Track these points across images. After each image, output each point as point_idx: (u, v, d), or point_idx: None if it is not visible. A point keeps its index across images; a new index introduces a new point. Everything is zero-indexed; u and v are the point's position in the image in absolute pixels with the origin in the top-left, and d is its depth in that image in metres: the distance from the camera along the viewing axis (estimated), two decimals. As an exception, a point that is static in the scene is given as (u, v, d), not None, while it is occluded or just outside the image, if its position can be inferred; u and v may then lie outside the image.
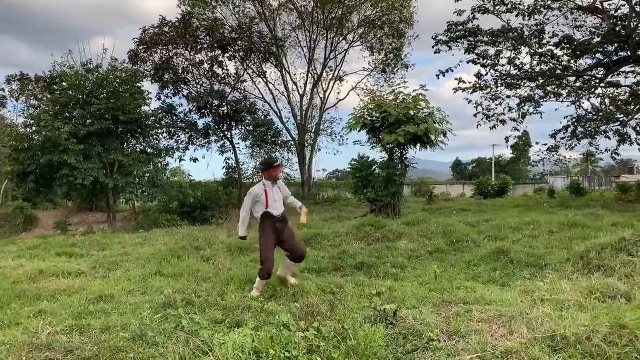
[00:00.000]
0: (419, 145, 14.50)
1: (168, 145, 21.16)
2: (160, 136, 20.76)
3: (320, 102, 28.17)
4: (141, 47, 21.27)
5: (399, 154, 14.82)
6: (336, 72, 28.18)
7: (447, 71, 19.06)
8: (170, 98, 22.33)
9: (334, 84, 28.28)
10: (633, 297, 4.81)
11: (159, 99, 22.17)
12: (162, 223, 15.66)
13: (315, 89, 27.74)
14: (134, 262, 8.32)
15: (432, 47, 19.24)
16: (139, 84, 18.59)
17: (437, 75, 19.15)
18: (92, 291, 6.09)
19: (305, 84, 27.53)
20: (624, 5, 18.00)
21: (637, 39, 17.81)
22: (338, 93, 29.86)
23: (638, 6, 17.54)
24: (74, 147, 15.76)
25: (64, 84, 17.47)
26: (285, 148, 25.81)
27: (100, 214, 21.18)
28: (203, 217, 17.50)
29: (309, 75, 27.46)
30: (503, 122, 19.69)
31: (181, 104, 22.97)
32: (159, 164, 19.76)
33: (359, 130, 15.05)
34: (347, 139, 28.12)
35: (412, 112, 13.97)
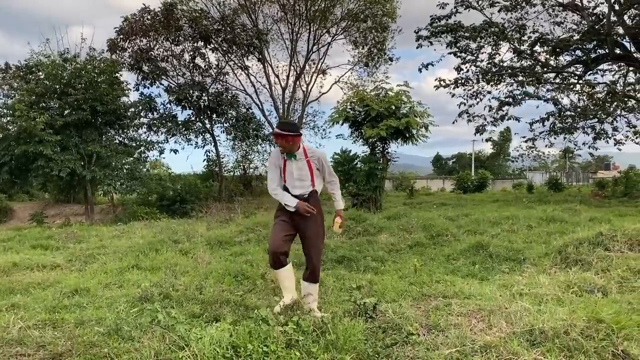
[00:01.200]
0: (400, 139, 14.54)
1: (147, 137, 20.87)
2: (140, 129, 20.46)
3: (303, 95, 28.03)
4: (121, 36, 20.90)
5: (381, 149, 14.86)
6: (319, 66, 28.05)
7: (429, 65, 19.12)
8: (148, 88, 21.99)
9: (317, 77, 28.15)
10: (609, 291, 4.87)
11: (138, 89, 21.85)
12: (140, 216, 15.46)
13: (298, 82, 27.58)
14: (111, 255, 8.18)
15: (416, 40, 19.28)
16: (118, 74, 18.28)
17: (420, 69, 19.22)
18: (67, 285, 5.96)
19: (288, 77, 27.35)
20: (602, 3, 18.25)
21: (615, 37, 18.07)
22: (321, 87, 29.82)
23: (617, 4, 17.78)
24: (50, 138, 15.45)
25: (40, 73, 17.10)
26: (268, 141, 25.65)
27: (78, 207, 20.83)
28: (182, 210, 17.33)
29: (292, 68, 27.30)
30: (484, 127, 19.78)
31: (159, 95, 22.56)
32: (139, 156, 19.49)
33: (342, 124, 15.04)
34: (329, 132, 28.09)
35: (394, 107, 14.00)
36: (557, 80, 19.89)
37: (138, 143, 19.50)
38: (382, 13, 26.10)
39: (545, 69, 19.37)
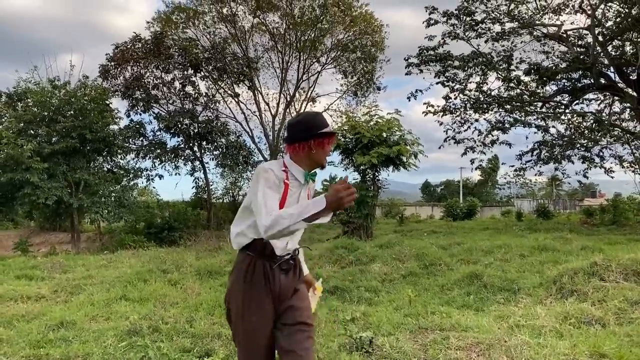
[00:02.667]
0: (391, 167, 14.58)
1: (136, 165, 20.76)
2: (128, 156, 20.34)
3: (293, 123, 28.13)
4: (112, 63, 20.95)
5: (371, 176, 14.86)
6: (309, 94, 28.30)
7: (416, 92, 19.34)
8: (140, 115, 21.95)
9: (306, 105, 28.35)
10: (607, 323, 4.81)
11: (128, 116, 21.81)
12: (128, 244, 15.22)
13: (287, 110, 27.73)
14: (98, 285, 7.99)
15: (405, 67, 19.52)
16: (109, 102, 18.24)
17: (408, 98, 19.40)
18: (52, 317, 5.78)
19: (278, 104, 27.52)
20: (587, 34, 18.65)
21: (600, 67, 18.43)
22: (311, 114, 29.78)
23: (600, 36, 18.19)
24: (37, 166, 15.27)
25: (29, 100, 17.00)
26: (258, 168, 25.64)
27: (64, 235, 20.50)
28: (171, 239, 17.11)
29: (282, 96, 27.49)
30: (472, 149, 19.89)
31: (150, 122, 22.49)
32: (127, 184, 19.33)
33: (332, 152, 15.02)
34: (319, 160, 28.05)
35: (385, 135, 14.06)
36: (545, 110, 20.16)
37: (126, 170, 19.35)
38: (370, 44, 26.53)
39: (532, 98, 19.64)
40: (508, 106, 19.25)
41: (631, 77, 18.68)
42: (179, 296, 6.89)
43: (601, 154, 20.47)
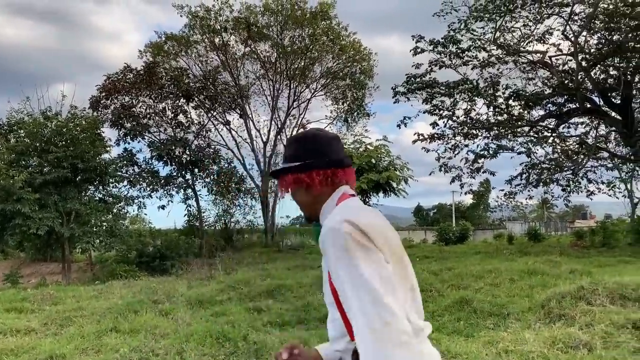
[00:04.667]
0: (381, 192, 14.71)
1: (128, 194, 20.77)
2: (120, 185, 20.36)
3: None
4: (103, 93, 21.13)
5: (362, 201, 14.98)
6: (299, 121, 28.59)
7: (405, 119, 19.57)
8: (129, 143, 22.06)
9: (297, 131, 28.62)
10: (594, 347, 4.87)
11: (118, 144, 21.89)
12: (119, 274, 15.12)
13: (279, 137, 27.98)
14: (89, 317, 7.95)
15: (392, 97, 19.79)
16: (100, 131, 18.33)
17: (398, 125, 19.59)
18: (42, 351, 5.76)
19: (269, 131, 27.78)
20: (571, 60, 19.09)
21: (584, 91, 18.82)
22: (302, 141, 29.96)
23: (584, 61, 18.62)
24: (28, 197, 15.25)
25: (21, 132, 17.05)
26: (249, 195, 25.68)
27: (55, 265, 20.31)
28: (163, 268, 17.01)
29: (273, 123, 27.76)
30: (459, 177, 19.98)
31: (140, 150, 22.56)
32: (119, 213, 19.29)
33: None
34: (310, 185, 28.18)
35: (374, 161, 14.24)
36: (532, 134, 20.45)
37: (118, 199, 19.33)
38: (360, 71, 26.98)
39: (519, 123, 19.95)
40: (496, 131, 19.52)
41: (615, 101, 19.09)
42: (170, 327, 6.88)
43: (588, 175, 20.77)
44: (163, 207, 22.42)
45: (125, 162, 20.91)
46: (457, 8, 18.28)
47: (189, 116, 23.20)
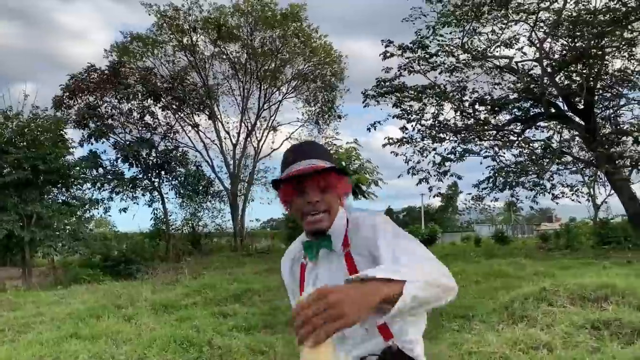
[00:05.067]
0: (351, 195, 14.72)
1: (93, 196, 20.29)
2: (84, 187, 19.89)
3: (254, 151, 28.21)
4: (67, 93, 20.63)
5: (331, 205, 14.95)
6: (270, 123, 28.46)
7: (375, 123, 19.70)
8: (92, 145, 21.55)
9: (267, 133, 28.47)
10: (554, 347, 4.95)
11: (82, 146, 21.38)
12: (83, 278, 14.74)
13: (248, 139, 27.80)
14: (48, 323, 7.70)
15: (362, 101, 19.90)
16: (63, 132, 17.87)
17: (368, 129, 19.76)
18: (-4, 359, 5.55)
19: (239, 133, 27.58)
20: (536, 66, 19.53)
21: (549, 97, 19.26)
22: (273, 142, 30.11)
23: (549, 67, 19.07)
24: (-14, 199, 14.77)
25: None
26: (218, 198, 25.41)
27: (15, 270, 19.66)
28: (128, 272, 16.65)
29: (242, 124, 27.56)
30: (426, 180, 20.14)
31: (105, 151, 22.06)
32: (82, 216, 18.82)
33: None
34: (281, 188, 28.03)
35: (344, 163, 14.24)
36: (498, 138, 20.83)
37: (82, 202, 18.87)
38: (330, 74, 27.04)
39: (485, 127, 20.29)
40: (463, 135, 19.81)
41: (578, 106, 19.59)
42: (133, 332, 6.71)
43: (552, 179, 21.25)
44: (125, 209, 21.97)
45: (89, 163, 20.42)
46: (425, 13, 18.52)
47: (156, 117, 22.84)
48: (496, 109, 20.17)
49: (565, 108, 19.98)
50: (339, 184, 1.61)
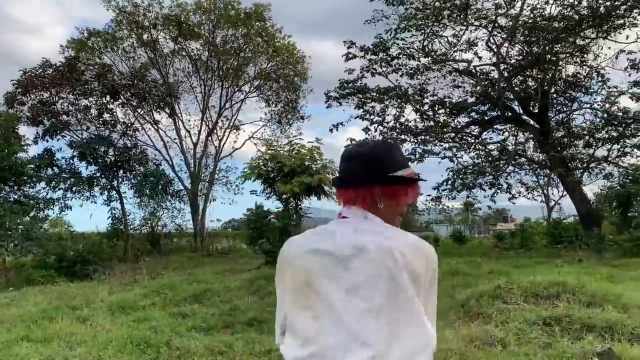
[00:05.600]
0: (314, 195, 14.74)
1: (47, 195, 19.66)
2: (39, 185, 19.25)
3: (215, 151, 27.89)
4: (19, 89, 19.90)
5: (294, 204, 14.94)
6: (232, 122, 28.20)
7: (338, 124, 19.82)
8: (47, 142, 20.85)
9: (229, 133, 28.21)
10: (508, 343, 5.11)
11: (36, 143, 20.65)
12: (36, 280, 14.26)
13: (210, 138, 27.47)
14: (-2, 326, 7.43)
15: (325, 102, 20.00)
16: (15, 129, 17.27)
17: (330, 130, 19.85)
18: (-59, 364, 5.33)
19: (200, 132, 27.21)
20: (493, 70, 20.04)
21: (505, 100, 19.81)
22: (235, 142, 29.75)
23: (505, 72, 19.61)
24: None
25: None
26: (178, 198, 25.00)
27: (-37, 271, 18.89)
28: (84, 273, 16.18)
29: (204, 123, 27.22)
30: None
31: (61, 149, 21.34)
32: (36, 215, 18.23)
33: (254, 180, 15.02)
34: (242, 188, 27.85)
35: (307, 163, 14.25)
36: (457, 140, 21.28)
37: (36, 201, 18.28)
38: (293, 74, 27.00)
39: (444, 129, 20.70)
40: (423, 137, 20.15)
41: (533, 110, 20.22)
42: (88, 334, 6.55)
43: (508, 180, 21.87)
44: (80, 205, 21.32)
45: (44, 161, 19.78)
46: (387, 15, 18.76)
47: (114, 114, 22.29)
48: (455, 111, 20.61)
49: (521, 111, 20.59)
50: (409, 193, 1.72)
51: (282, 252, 1.63)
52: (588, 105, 20.27)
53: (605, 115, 18.84)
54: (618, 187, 19.29)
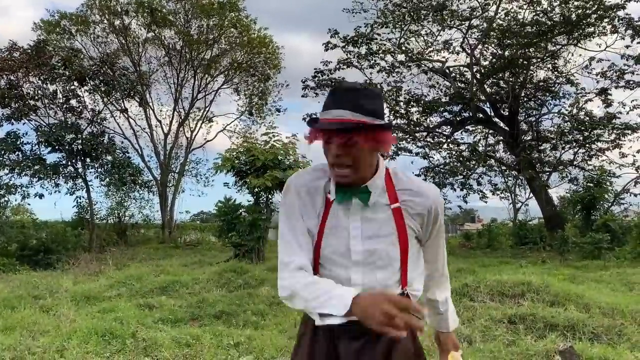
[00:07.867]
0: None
1: (10, 181, 19.09)
2: (1, 171, 18.67)
3: (187, 142, 27.52)
4: (-16, 72, 19.22)
5: (264, 199, 14.89)
6: (205, 113, 27.85)
7: (312, 115, 19.78)
8: (13, 124, 20.20)
9: (202, 124, 27.88)
10: (474, 340, 5.20)
11: (1, 125, 20.01)
12: (-4, 268, 13.87)
13: (181, 128, 27.09)
14: (-45, 315, 7.19)
15: (302, 89, 19.95)
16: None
17: (304, 119, 19.83)
18: None
19: (171, 122, 26.82)
20: (467, 71, 20.32)
21: (477, 102, 20.13)
22: (207, 134, 29.39)
23: (478, 74, 19.90)
24: None
25: None
26: (146, 188, 24.59)
27: None
28: (47, 262, 15.81)
29: (175, 113, 26.82)
30: None
31: (26, 133, 20.66)
32: (-2, 201, 17.71)
33: (226, 173, 14.89)
34: (213, 180, 27.60)
35: (280, 158, 14.19)
36: (429, 139, 21.52)
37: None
38: (266, 65, 26.79)
39: (417, 128, 20.91)
40: (395, 134, 20.29)
41: (504, 112, 20.59)
42: (51, 324, 6.40)
43: (480, 179, 22.24)
44: (41, 195, 20.78)
45: (8, 146, 19.17)
46: (366, 9, 18.81)
47: (82, 101, 21.72)
48: (427, 110, 20.84)
49: (492, 113, 20.94)
50: (371, 139, 1.57)
51: None
52: (557, 107, 20.77)
53: (573, 119, 19.31)
54: (582, 191, 19.84)
